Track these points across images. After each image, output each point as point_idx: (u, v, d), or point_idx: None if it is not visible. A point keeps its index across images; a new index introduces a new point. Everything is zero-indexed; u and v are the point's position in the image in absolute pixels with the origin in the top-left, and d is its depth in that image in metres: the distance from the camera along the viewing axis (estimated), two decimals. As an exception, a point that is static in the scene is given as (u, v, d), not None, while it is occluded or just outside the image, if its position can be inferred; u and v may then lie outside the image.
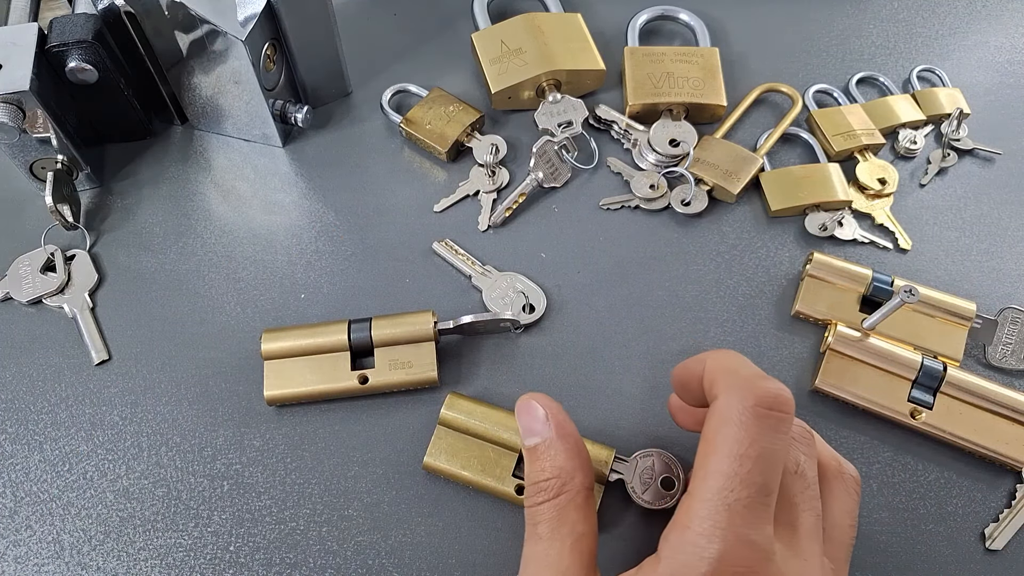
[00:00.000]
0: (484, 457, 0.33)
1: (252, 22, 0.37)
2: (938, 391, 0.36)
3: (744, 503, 0.23)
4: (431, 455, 0.34)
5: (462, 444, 0.34)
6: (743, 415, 0.24)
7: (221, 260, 0.40)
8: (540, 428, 0.29)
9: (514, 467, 0.33)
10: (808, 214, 0.42)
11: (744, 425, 0.24)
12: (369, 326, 0.36)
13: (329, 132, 0.45)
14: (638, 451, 0.33)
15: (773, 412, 0.24)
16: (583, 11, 0.48)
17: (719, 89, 0.45)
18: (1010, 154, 0.46)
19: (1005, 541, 0.33)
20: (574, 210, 0.43)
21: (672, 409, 0.32)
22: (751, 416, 0.24)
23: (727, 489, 0.23)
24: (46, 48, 0.37)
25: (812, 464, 0.27)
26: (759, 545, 0.23)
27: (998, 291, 0.41)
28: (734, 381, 0.25)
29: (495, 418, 0.34)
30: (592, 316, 0.39)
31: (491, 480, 0.33)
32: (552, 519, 0.27)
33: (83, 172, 0.41)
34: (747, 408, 0.24)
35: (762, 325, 0.39)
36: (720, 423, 0.25)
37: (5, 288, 0.39)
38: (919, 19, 0.52)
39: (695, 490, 0.24)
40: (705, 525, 0.23)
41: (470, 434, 0.34)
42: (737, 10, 0.52)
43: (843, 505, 0.28)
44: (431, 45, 0.49)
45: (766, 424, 0.24)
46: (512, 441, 0.33)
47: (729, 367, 0.26)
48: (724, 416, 0.25)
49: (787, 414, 0.25)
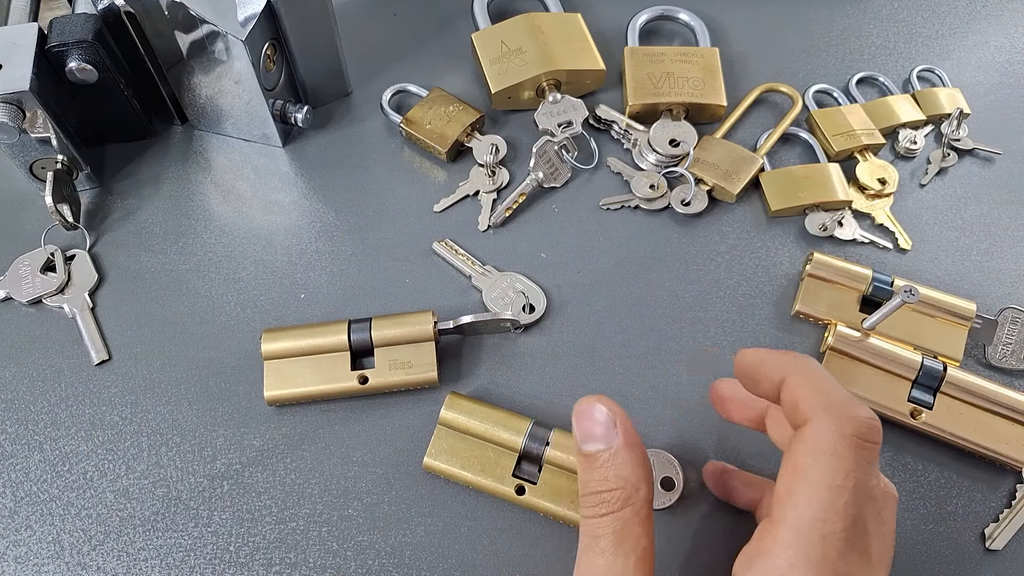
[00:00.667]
0: (484, 457, 0.33)
1: (252, 22, 0.37)
2: (938, 391, 0.36)
3: (840, 536, 0.23)
4: (431, 455, 0.34)
5: (462, 444, 0.34)
6: (839, 444, 0.24)
7: (221, 260, 0.40)
8: (603, 434, 0.27)
9: (514, 467, 0.33)
10: (808, 214, 0.42)
11: (841, 456, 0.23)
12: (369, 326, 0.36)
13: (329, 132, 0.45)
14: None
15: (868, 443, 0.24)
16: (583, 11, 0.48)
17: (719, 89, 0.45)
18: (1010, 154, 0.46)
19: (1005, 541, 0.33)
20: (574, 210, 0.43)
21: (720, 397, 0.31)
22: (848, 447, 0.23)
23: (821, 520, 0.23)
24: (46, 48, 0.37)
25: (879, 486, 0.26)
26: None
27: (998, 291, 0.41)
28: (828, 406, 0.25)
29: (495, 418, 0.34)
30: (592, 316, 0.39)
31: (491, 480, 0.33)
32: (616, 532, 0.26)
33: (83, 172, 0.41)
34: (844, 437, 0.24)
35: (762, 325, 0.39)
36: (814, 451, 0.24)
37: (5, 288, 0.39)
38: (919, 19, 0.52)
39: (783, 518, 0.24)
40: (799, 556, 0.23)
41: (470, 434, 0.34)
42: (737, 10, 0.52)
43: (892, 526, 0.27)
44: (431, 45, 0.49)
45: (863, 456, 0.24)
46: (512, 441, 0.33)
47: (819, 387, 0.25)
48: (819, 444, 0.24)
49: (879, 444, 0.24)
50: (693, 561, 0.33)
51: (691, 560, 0.33)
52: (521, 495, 0.33)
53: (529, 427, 0.33)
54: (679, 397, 0.37)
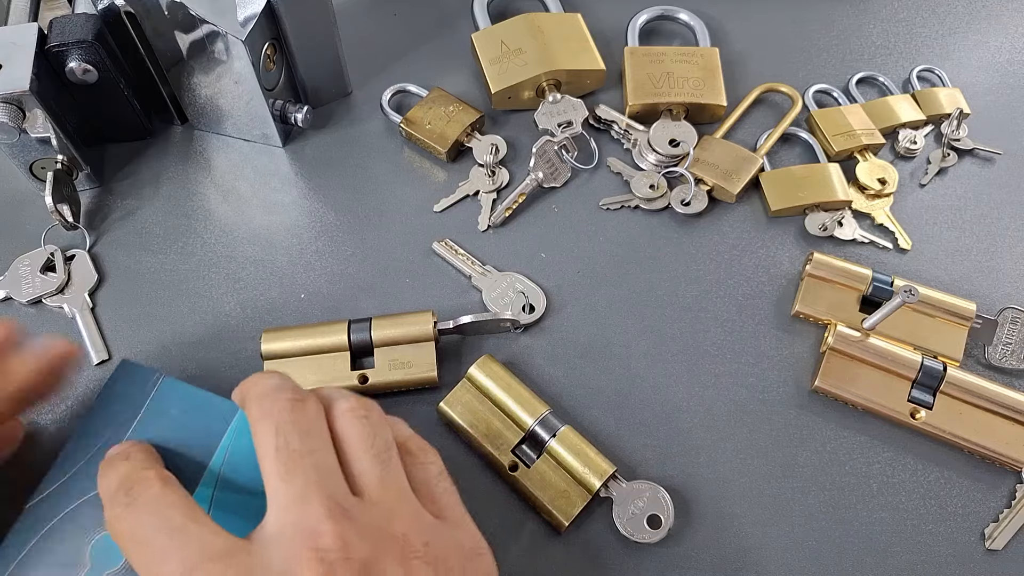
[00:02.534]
0: (492, 424, 0.34)
1: (252, 22, 0.37)
2: (938, 391, 0.36)
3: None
4: (447, 403, 0.35)
5: (478, 405, 0.35)
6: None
7: (221, 260, 0.40)
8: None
9: (515, 444, 0.34)
10: (808, 214, 0.42)
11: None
12: (369, 326, 0.36)
13: (329, 132, 0.45)
14: (638, 480, 0.33)
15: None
16: (583, 11, 0.48)
17: (719, 89, 0.45)
18: (1010, 154, 0.46)
19: (1005, 541, 0.33)
20: (574, 210, 0.43)
21: None
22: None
23: None
24: (46, 48, 0.37)
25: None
26: None
27: (998, 291, 0.41)
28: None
29: (517, 393, 0.35)
30: (592, 316, 0.39)
31: (489, 446, 0.34)
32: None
33: (83, 172, 0.41)
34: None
35: (762, 325, 0.39)
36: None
37: (5, 288, 0.39)
38: (919, 19, 0.52)
39: None
40: None
41: (489, 398, 0.35)
42: (737, 10, 0.52)
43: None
44: (431, 45, 0.49)
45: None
46: (523, 420, 0.34)
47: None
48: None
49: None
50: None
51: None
52: (513, 471, 0.33)
53: (545, 413, 0.34)
54: (679, 397, 0.37)
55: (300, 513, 0.23)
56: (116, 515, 0.25)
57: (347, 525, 0.23)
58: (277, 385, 0.26)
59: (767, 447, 0.35)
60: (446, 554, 0.25)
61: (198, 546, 0.23)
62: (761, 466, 0.35)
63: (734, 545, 0.33)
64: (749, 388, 0.37)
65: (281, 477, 0.24)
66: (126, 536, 0.24)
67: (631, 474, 0.34)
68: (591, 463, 0.33)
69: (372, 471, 0.25)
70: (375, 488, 0.25)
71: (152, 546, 0.24)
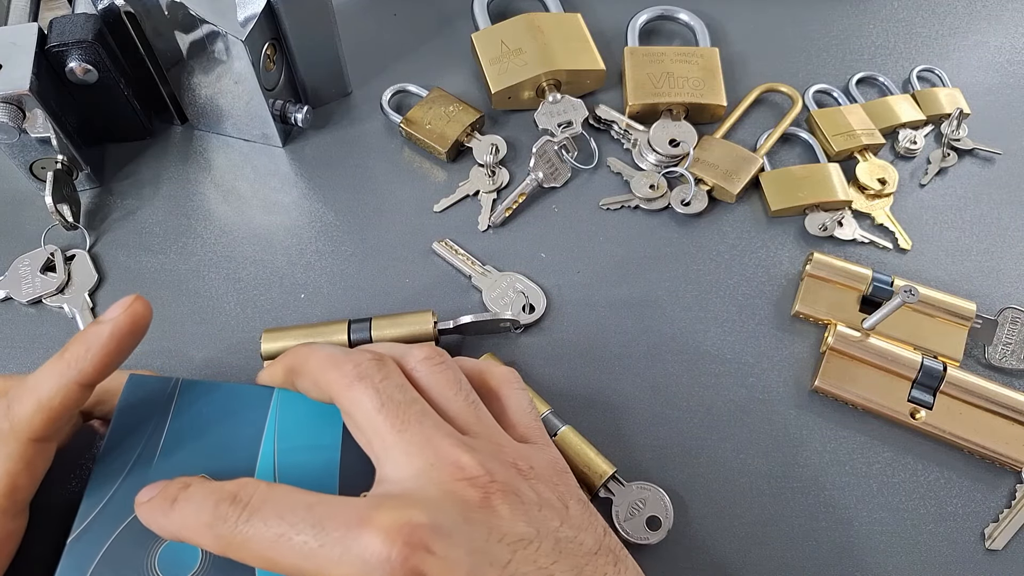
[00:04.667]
0: None
1: (252, 22, 0.37)
2: (938, 391, 0.36)
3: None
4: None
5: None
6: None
7: (221, 260, 0.40)
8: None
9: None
10: (808, 214, 0.42)
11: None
12: (369, 326, 0.36)
13: (329, 132, 0.45)
14: (639, 481, 0.33)
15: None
16: (583, 11, 0.48)
17: (719, 89, 0.45)
18: (1010, 154, 0.46)
19: (1005, 541, 0.33)
20: (574, 210, 0.43)
21: None
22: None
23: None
24: (46, 48, 0.37)
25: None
26: None
27: (998, 291, 0.41)
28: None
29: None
30: (592, 316, 0.39)
31: None
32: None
33: (83, 172, 0.41)
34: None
35: (762, 325, 0.39)
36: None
37: (5, 288, 0.39)
38: (919, 19, 0.52)
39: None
40: None
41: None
42: (737, 10, 0.52)
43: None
44: (431, 45, 0.49)
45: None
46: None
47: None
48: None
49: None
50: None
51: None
52: None
53: (545, 413, 0.34)
54: (679, 397, 0.37)
55: (433, 454, 0.24)
56: (232, 532, 0.22)
57: (480, 456, 0.24)
58: (344, 351, 0.27)
59: (767, 447, 0.35)
60: (547, 473, 0.26)
61: (355, 511, 0.22)
62: (761, 466, 0.35)
63: (734, 545, 0.33)
64: (749, 388, 0.37)
65: (396, 429, 0.24)
66: (260, 546, 0.22)
67: (631, 475, 0.34)
68: (591, 463, 0.33)
69: (467, 411, 0.27)
70: (475, 424, 0.26)
71: (295, 540, 0.21)
